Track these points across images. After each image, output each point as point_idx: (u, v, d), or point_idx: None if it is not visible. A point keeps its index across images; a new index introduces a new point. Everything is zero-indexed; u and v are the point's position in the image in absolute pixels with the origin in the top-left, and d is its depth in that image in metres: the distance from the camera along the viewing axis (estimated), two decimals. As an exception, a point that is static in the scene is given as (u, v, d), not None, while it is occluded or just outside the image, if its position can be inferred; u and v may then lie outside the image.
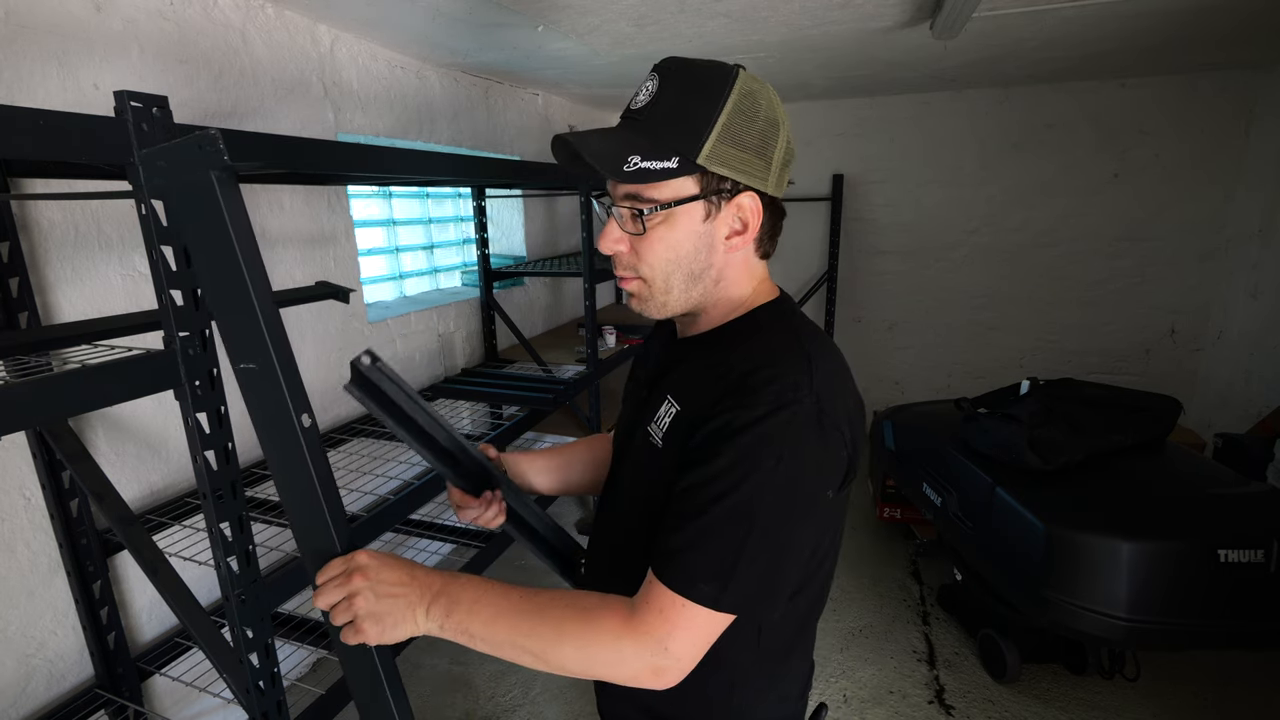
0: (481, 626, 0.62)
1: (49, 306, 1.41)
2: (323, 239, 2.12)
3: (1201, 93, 3.24)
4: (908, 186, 3.87)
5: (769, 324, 0.71)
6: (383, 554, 0.64)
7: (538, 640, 0.61)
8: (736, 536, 0.59)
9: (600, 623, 0.61)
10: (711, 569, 0.59)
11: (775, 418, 0.60)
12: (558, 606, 0.62)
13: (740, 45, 2.41)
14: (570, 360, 2.86)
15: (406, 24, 2.05)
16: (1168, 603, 1.63)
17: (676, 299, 0.70)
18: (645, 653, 0.60)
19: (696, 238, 0.67)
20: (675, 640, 0.60)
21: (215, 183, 0.52)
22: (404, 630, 0.62)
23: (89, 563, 1.42)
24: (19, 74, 1.33)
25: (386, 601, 0.61)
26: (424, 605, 0.62)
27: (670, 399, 0.70)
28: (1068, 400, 2.13)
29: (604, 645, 0.61)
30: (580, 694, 2.09)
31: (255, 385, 0.59)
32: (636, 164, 0.62)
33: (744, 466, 0.59)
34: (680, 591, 0.59)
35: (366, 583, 0.61)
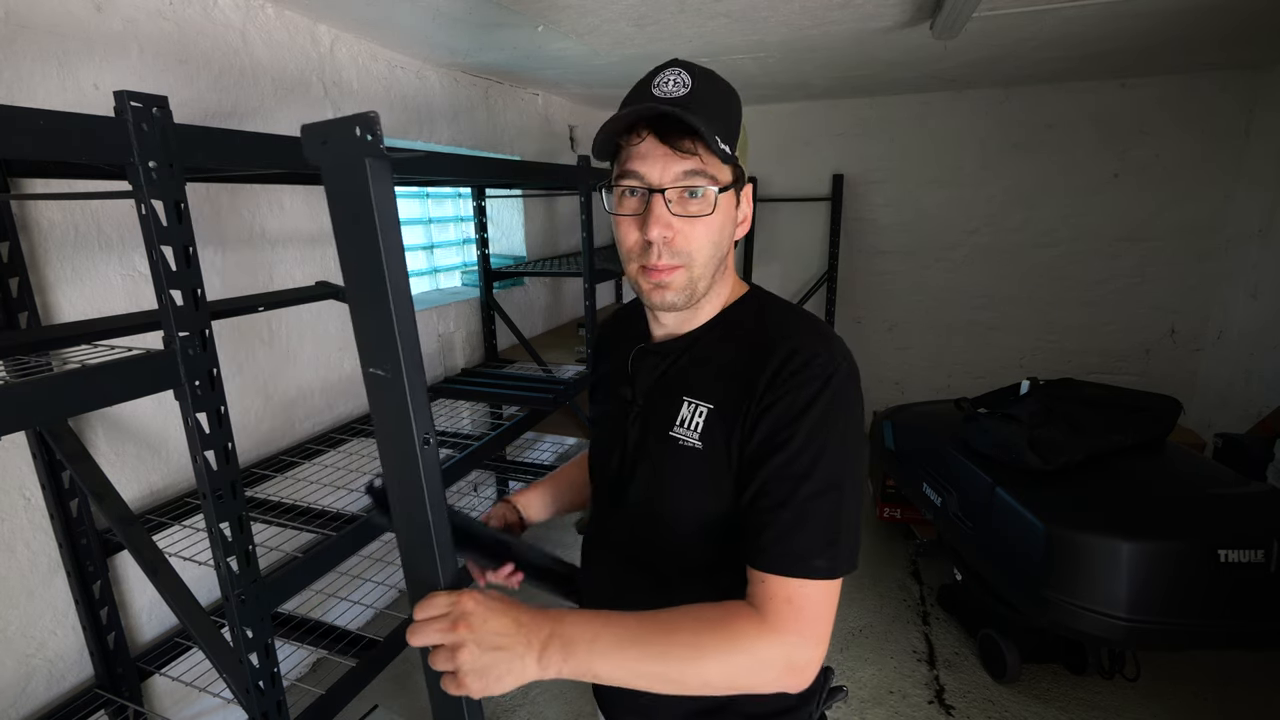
0: (605, 662, 0.59)
1: (49, 306, 1.41)
2: (323, 239, 2.12)
3: (1201, 93, 3.24)
4: (908, 186, 3.87)
5: (770, 308, 0.75)
6: (489, 598, 0.59)
7: (673, 662, 0.59)
8: (829, 507, 0.63)
9: (735, 629, 0.60)
10: (819, 543, 0.62)
11: (828, 390, 0.65)
12: (685, 623, 0.60)
13: (740, 45, 2.41)
14: (570, 360, 2.86)
15: (406, 24, 2.05)
16: (1168, 603, 1.63)
17: (705, 286, 0.72)
18: (785, 649, 0.60)
19: (731, 224, 0.71)
20: (810, 626, 0.61)
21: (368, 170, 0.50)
22: (510, 682, 0.57)
23: (89, 563, 1.42)
24: (19, 74, 1.33)
25: (492, 655, 0.57)
26: (534, 654, 0.58)
27: (691, 400, 0.71)
28: (1068, 400, 2.13)
29: (745, 651, 0.59)
30: (580, 694, 2.09)
31: (381, 393, 0.56)
32: (721, 146, 0.64)
33: (817, 443, 0.63)
34: (800, 575, 0.61)
35: (472, 635, 0.56)
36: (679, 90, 0.66)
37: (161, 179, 0.86)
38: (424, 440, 0.57)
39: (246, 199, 1.85)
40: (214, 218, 1.76)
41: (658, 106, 0.64)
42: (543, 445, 3.33)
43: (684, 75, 0.67)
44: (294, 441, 2.05)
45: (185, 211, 0.89)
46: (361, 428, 2.20)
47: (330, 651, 1.52)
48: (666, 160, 0.66)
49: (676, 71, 0.67)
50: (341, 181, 0.53)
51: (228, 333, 1.79)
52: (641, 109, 0.66)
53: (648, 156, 0.67)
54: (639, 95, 0.69)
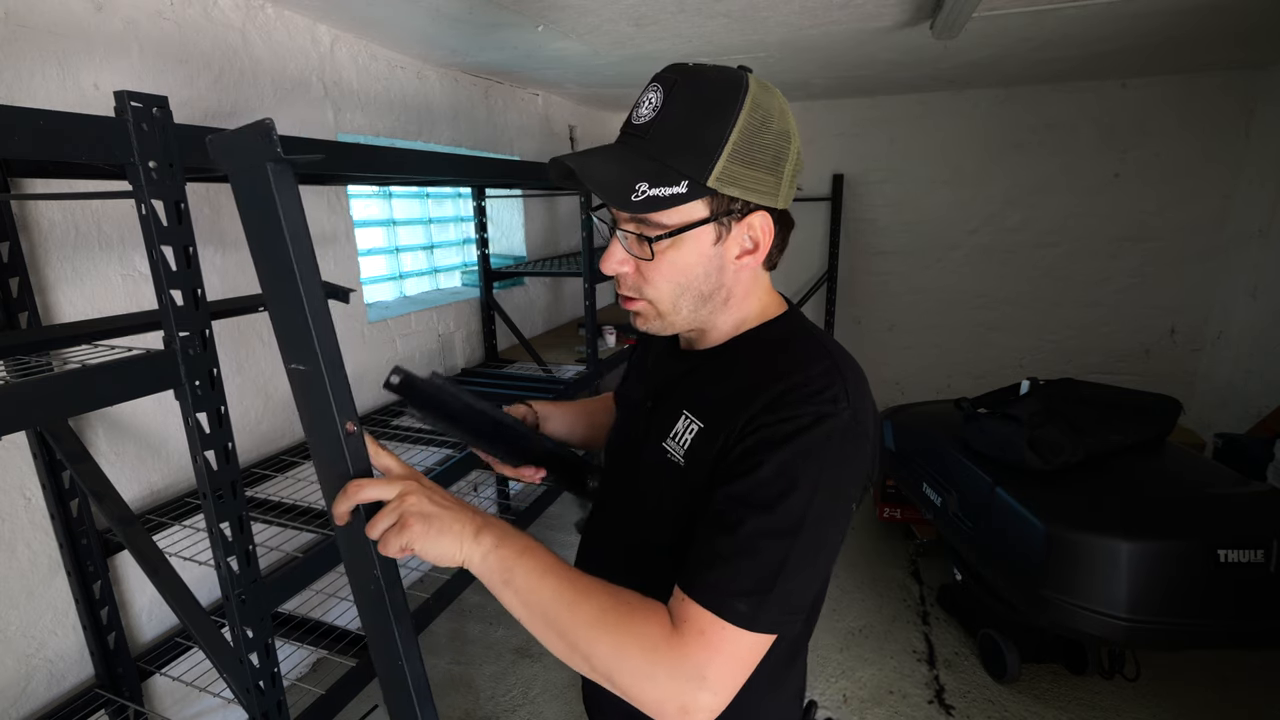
0: (525, 576, 0.57)
1: (49, 306, 1.41)
2: (323, 239, 2.12)
3: (1201, 93, 3.24)
4: (908, 186, 3.87)
5: (791, 336, 0.69)
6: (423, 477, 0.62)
7: (575, 619, 0.57)
8: (777, 553, 0.56)
9: (642, 626, 0.57)
10: (748, 585, 0.56)
11: (816, 430, 0.58)
12: (604, 593, 0.58)
13: (740, 45, 2.41)
14: (570, 360, 2.86)
15: (406, 24, 2.05)
16: (1167, 603, 1.63)
17: (685, 319, 0.68)
18: (680, 678, 0.55)
19: (706, 261, 0.64)
20: (714, 666, 0.55)
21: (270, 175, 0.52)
22: (448, 542, 0.57)
23: (89, 563, 1.42)
24: (19, 74, 1.33)
25: (437, 509, 0.57)
26: (474, 526, 0.58)
27: (688, 414, 0.68)
28: (1068, 400, 2.12)
29: (640, 653, 0.56)
30: (579, 694, 2.08)
31: (303, 386, 0.58)
32: (645, 192, 0.58)
33: (785, 481, 0.57)
34: (714, 611, 0.56)
35: (420, 488, 0.59)
36: (647, 114, 0.61)
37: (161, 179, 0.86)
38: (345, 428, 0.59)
39: (246, 199, 1.85)
40: (214, 218, 1.76)
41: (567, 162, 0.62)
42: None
43: (657, 94, 0.61)
44: (294, 441, 2.05)
45: (185, 211, 0.89)
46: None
47: (330, 651, 1.52)
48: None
49: (655, 89, 0.61)
50: (248, 188, 0.54)
51: (228, 333, 1.79)
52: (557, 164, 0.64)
53: None
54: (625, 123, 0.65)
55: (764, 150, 0.61)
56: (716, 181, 0.59)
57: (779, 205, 0.64)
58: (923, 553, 2.81)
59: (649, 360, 0.84)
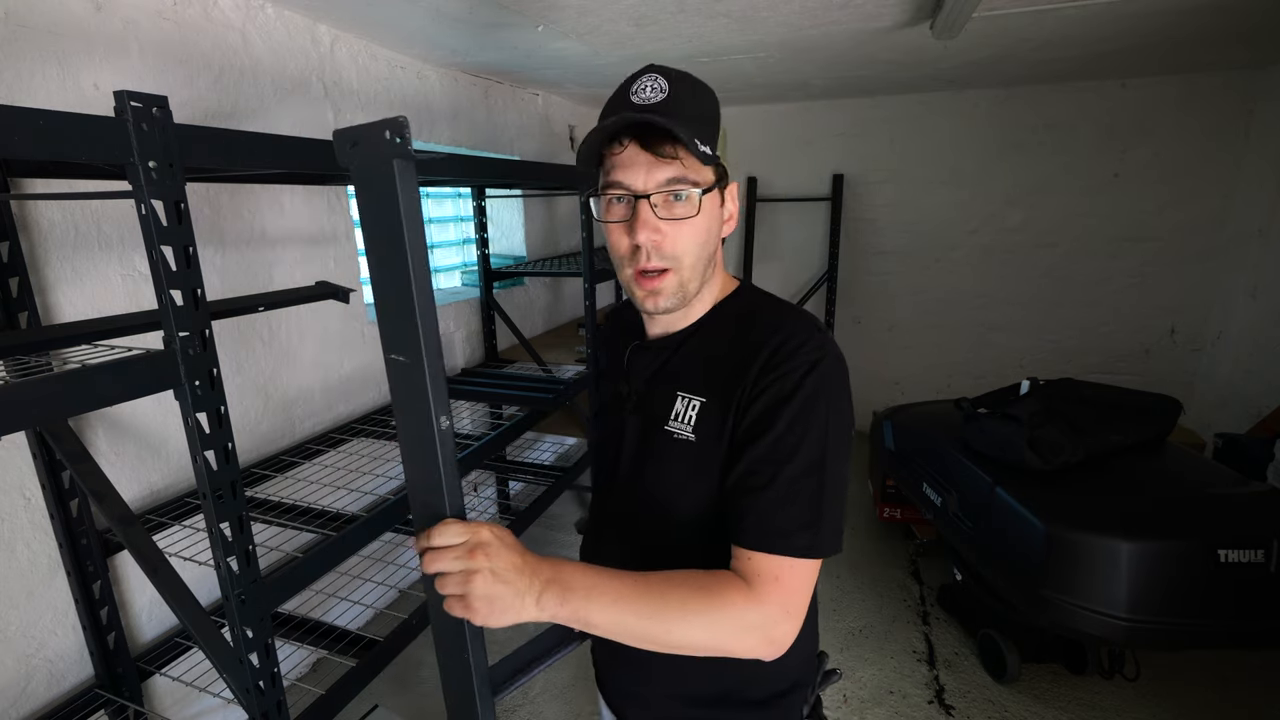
0: (600, 613, 0.62)
1: (49, 306, 1.41)
2: (323, 239, 2.12)
3: (1201, 93, 3.24)
4: (908, 186, 3.87)
5: (760, 301, 0.78)
6: (504, 532, 0.62)
7: (661, 621, 0.62)
8: (812, 488, 0.65)
9: (723, 596, 0.63)
10: (802, 523, 0.64)
11: (814, 374, 0.67)
12: (676, 587, 0.64)
13: (740, 45, 2.41)
14: (570, 360, 2.86)
15: (406, 24, 2.05)
16: (1168, 603, 1.63)
17: (695, 287, 0.74)
18: (765, 620, 0.63)
19: (716, 223, 0.73)
20: (790, 599, 0.64)
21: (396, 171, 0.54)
22: (510, 617, 0.60)
23: (89, 563, 1.42)
24: (19, 74, 1.33)
25: (501, 586, 0.59)
26: (535, 594, 0.61)
27: (684, 394, 0.73)
28: (1068, 400, 2.12)
29: (731, 618, 0.63)
30: (580, 693, 2.09)
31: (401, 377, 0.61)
32: (702, 149, 0.66)
33: (801, 425, 0.66)
34: (783, 552, 0.64)
35: (488, 562, 0.59)
36: (657, 96, 0.67)
37: (161, 179, 0.86)
38: (440, 422, 0.60)
39: (246, 199, 1.85)
40: (214, 218, 1.76)
41: (638, 115, 0.66)
42: (543, 445, 3.33)
43: (661, 80, 0.68)
44: (294, 441, 2.05)
45: (185, 211, 0.89)
46: (361, 428, 2.20)
47: (330, 651, 1.52)
48: (650, 166, 0.68)
49: (653, 77, 0.68)
50: (371, 182, 0.56)
51: (228, 333, 1.79)
52: (623, 118, 0.67)
53: (631, 164, 0.68)
54: (618, 104, 0.70)
55: (717, 131, 0.72)
56: (720, 151, 0.71)
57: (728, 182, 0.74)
58: (923, 553, 2.81)
59: (615, 365, 0.88)
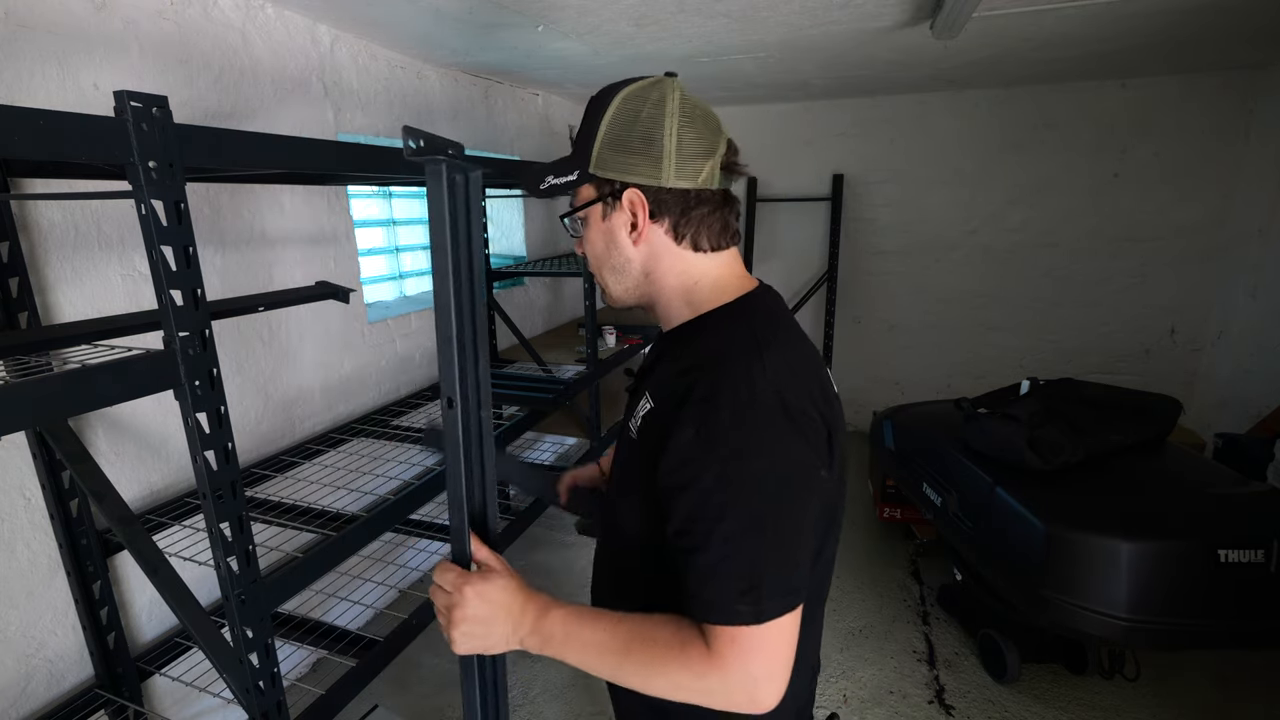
0: (574, 659, 0.67)
1: (49, 306, 1.41)
2: (323, 239, 2.12)
3: (1201, 93, 3.24)
4: (908, 186, 3.87)
5: (718, 325, 0.72)
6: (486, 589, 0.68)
7: (631, 674, 0.65)
8: (750, 550, 0.60)
9: (687, 657, 0.62)
10: (739, 590, 0.60)
11: (743, 426, 0.61)
12: (645, 642, 0.64)
13: (740, 45, 2.41)
14: (570, 360, 2.86)
15: (406, 24, 2.05)
16: (1168, 603, 1.63)
17: (617, 290, 0.79)
18: (734, 685, 0.61)
19: (603, 235, 0.76)
20: (755, 664, 0.60)
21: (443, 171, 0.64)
22: (481, 651, 0.69)
23: (89, 563, 1.42)
24: (19, 74, 1.33)
25: (477, 632, 0.68)
26: (516, 639, 0.68)
27: (648, 395, 0.74)
28: (1068, 400, 2.12)
29: (693, 681, 0.62)
30: (580, 693, 2.09)
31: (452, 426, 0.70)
32: (549, 182, 0.75)
33: (726, 485, 0.61)
34: (726, 622, 0.60)
35: (461, 612, 0.67)
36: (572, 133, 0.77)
37: (161, 179, 0.86)
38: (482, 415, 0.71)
39: (246, 199, 1.85)
40: (214, 218, 1.76)
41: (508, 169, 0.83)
42: (543, 445, 3.33)
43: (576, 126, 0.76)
44: (294, 441, 2.05)
45: (185, 211, 0.89)
46: (361, 428, 2.20)
47: (330, 651, 1.52)
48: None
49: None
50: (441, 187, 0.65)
51: (228, 333, 1.79)
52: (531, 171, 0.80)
53: None
54: None
55: (634, 138, 0.70)
56: (596, 168, 0.72)
57: (663, 182, 0.70)
58: (923, 553, 2.81)
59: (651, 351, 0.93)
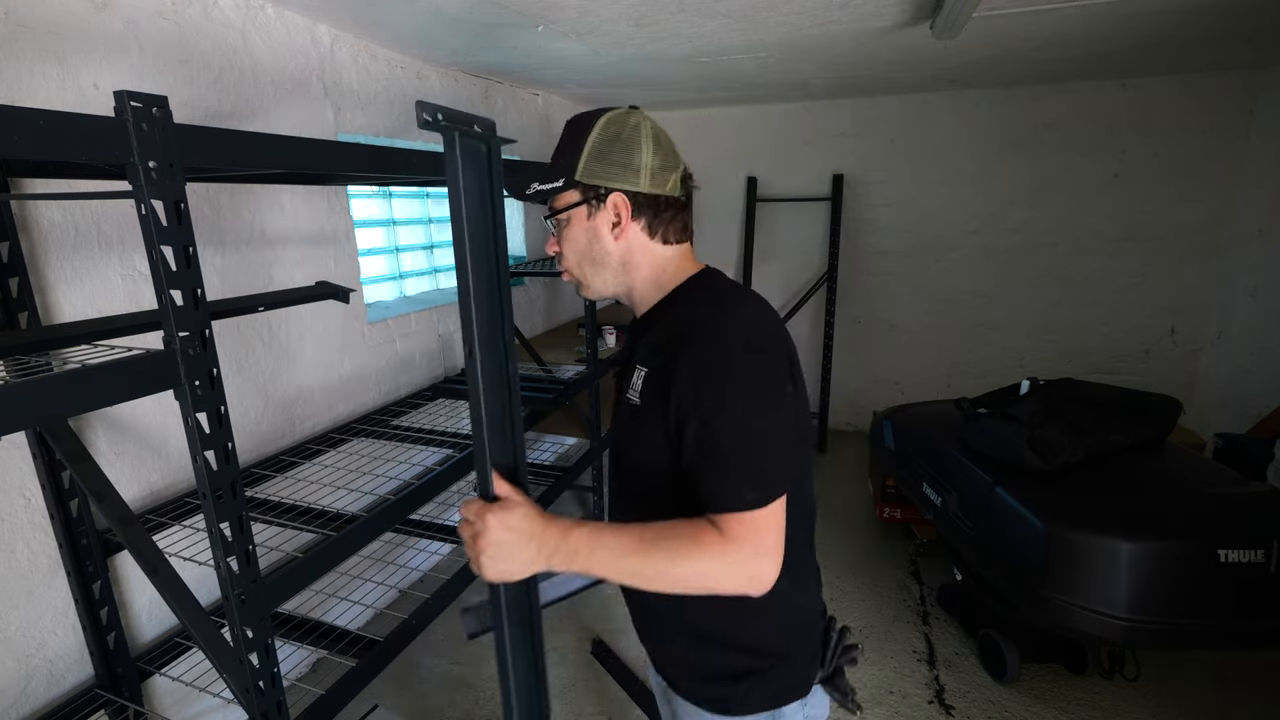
0: (600, 567, 0.76)
1: (49, 306, 1.41)
2: (323, 239, 2.12)
3: (1201, 93, 3.24)
4: (908, 186, 3.87)
5: (687, 297, 0.91)
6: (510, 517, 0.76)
7: (654, 568, 0.75)
8: (746, 447, 0.76)
9: (704, 543, 0.75)
10: (745, 482, 0.75)
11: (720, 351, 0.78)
12: (666, 537, 0.76)
13: (740, 45, 2.41)
14: (570, 360, 2.87)
15: (406, 24, 2.05)
16: (1168, 603, 1.63)
17: (599, 284, 0.92)
18: (744, 561, 0.75)
19: (586, 232, 0.89)
20: (763, 541, 0.75)
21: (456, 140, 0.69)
22: (509, 576, 0.77)
23: (89, 563, 1.42)
24: (19, 74, 1.33)
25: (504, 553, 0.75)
26: (543, 559, 0.76)
27: (639, 366, 0.87)
28: (1068, 400, 2.12)
29: (712, 559, 0.74)
30: (580, 694, 2.09)
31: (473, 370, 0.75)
32: (535, 188, 0.89)
33: (719, 397, 0.77)
34: (737, 509, 0.75)
35: (486, 543, 0.75)
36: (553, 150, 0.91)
37: (161, 179, 0.86)
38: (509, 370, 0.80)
39: (246, 199, 1.85)
40: (214, 218, 1.76)
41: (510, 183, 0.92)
42: (543, 445, 3.33)
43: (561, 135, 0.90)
44: (294, 441, 2.05)
45: (185, 211, 0.89)
46: (361, 428, 2.20)
47: (330, 651, 1.52)
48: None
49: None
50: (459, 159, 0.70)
51: (228, 333, 1.79)
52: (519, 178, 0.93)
53: None
54: None
55: (615, 153, 0.86)
56: (582, 175, 0.86)
57: (639, 188, 0.87)
58: (923, 553, 2.81)
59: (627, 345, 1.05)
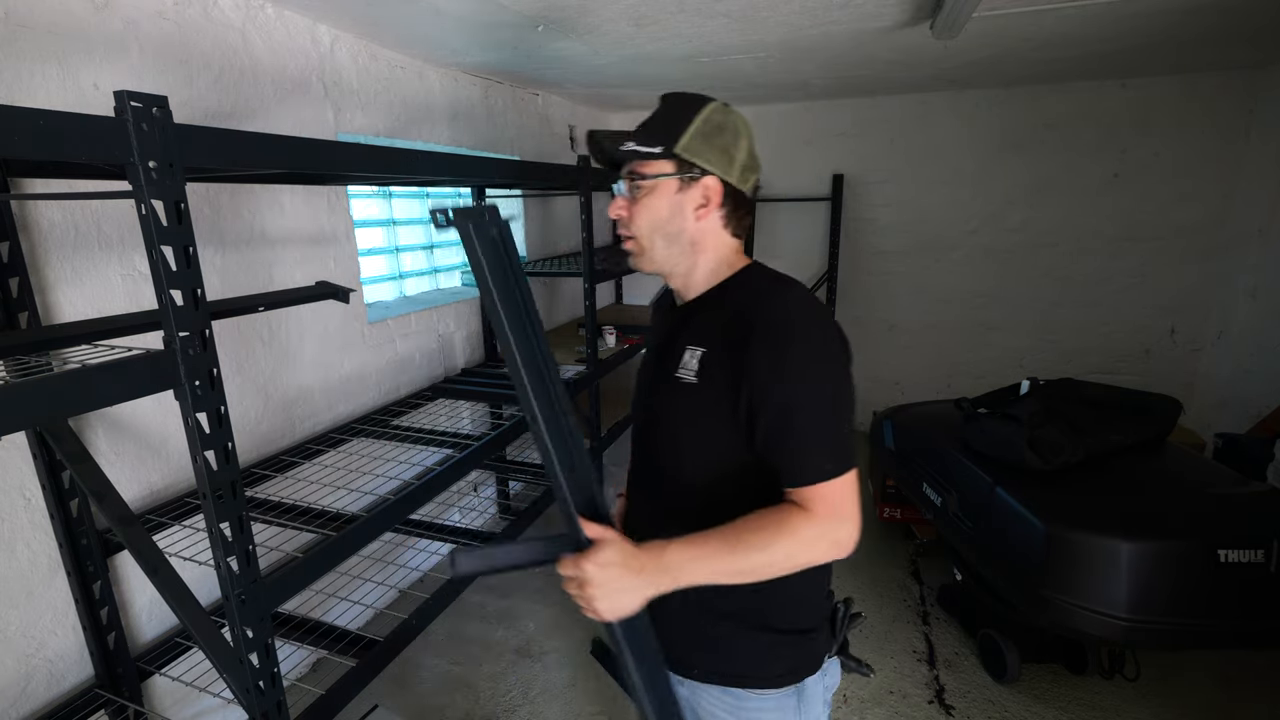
0: (706, 576, 0.80)
1: (49, 306, 1.41)
2: (323, 239, 2.12)
3: (1201, 93, 3.24)
4: (908, 186, 3.87)
5: (760, 272, 0.94)
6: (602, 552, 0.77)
7: (749, 562, 0.80)
8: (824, 423, 0.82)
9: (790, 524, 0.80)
10: (825, 454, 0.81)
11: (798, 333, 0.83)
12: (753, 531, 0.80)
13: (740, 45, 2.41)
14: (570, 360, 2.86)
15: (406, 24, 2.05)
16: (1168, 603, 1.63)
17: (660, 256, 0.93)
18: (831, 532, 0.81)
19: (670, 205, 0.90)
20: (841, 508, 0.81)
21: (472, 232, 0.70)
22: (629, 610, 0.79)
23: (89, 563, 1.42)
24: (19, 74, 1.33)
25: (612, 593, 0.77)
26: (650, 590, 0.79)
27: (691, 347, 0.90)
28: (1068, 400, 2.12)
29: (800, 537, 0.80)
30: (580, 694, 2.09)
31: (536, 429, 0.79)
32: (630, 146, 0.88)
33: (798, 377, 0.81)
34: (820, 480, 0.80)
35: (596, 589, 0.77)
36: (646, 116, 0.92)
37: (161, 179, 0.86)
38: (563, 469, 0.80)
39: (246, 199, 1.85)
40: (214, 218, 1.76)
41: (595, 132, 0.92)
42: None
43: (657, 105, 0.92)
44: (294, 441, 2.05)
45: (185, 211, 0.89)
46: (361, 428, 2.20)
47: (330, 651, 1.52)
48: (626, 166, 0.93)
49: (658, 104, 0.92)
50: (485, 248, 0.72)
51: (228, 333, 1.79)
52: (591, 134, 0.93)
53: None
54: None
55: (719, 139, 0.89)
56: (681, 150, 0.87)
57: (731, 180, 0.90)
58: (923, 553, 2.81)
59: (656, 328, 1.07)
